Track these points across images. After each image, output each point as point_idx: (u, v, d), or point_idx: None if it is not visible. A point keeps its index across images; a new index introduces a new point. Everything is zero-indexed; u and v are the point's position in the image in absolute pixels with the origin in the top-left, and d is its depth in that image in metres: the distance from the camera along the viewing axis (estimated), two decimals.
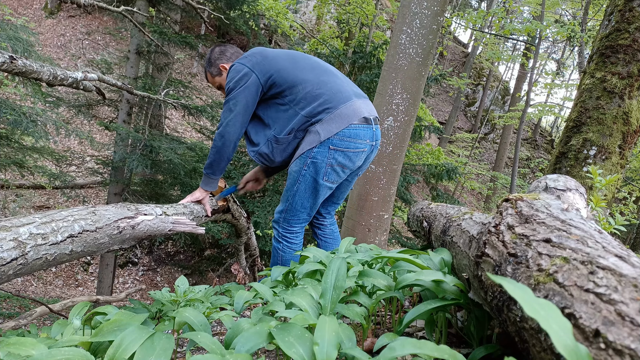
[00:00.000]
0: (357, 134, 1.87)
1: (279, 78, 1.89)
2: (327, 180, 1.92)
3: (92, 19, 14.59)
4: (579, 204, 1.04)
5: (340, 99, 1.89)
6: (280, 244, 2.04)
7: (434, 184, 7.76)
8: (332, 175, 1.92)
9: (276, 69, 1.89)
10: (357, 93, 1.98)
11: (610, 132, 2.44)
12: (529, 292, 0.46)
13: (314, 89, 1.88)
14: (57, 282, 7.94)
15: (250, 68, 1.88)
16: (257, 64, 1.89)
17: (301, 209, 1.99)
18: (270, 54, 1.95)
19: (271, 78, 1.88)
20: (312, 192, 1.94)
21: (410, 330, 1.10)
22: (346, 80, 2.02)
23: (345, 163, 1.91)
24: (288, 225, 2.03)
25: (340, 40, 8.00)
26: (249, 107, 1.90)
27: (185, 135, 11.52)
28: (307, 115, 1.87)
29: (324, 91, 1.89)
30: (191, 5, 5.59)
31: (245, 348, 0.73)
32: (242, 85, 1.87)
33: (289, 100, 1.90)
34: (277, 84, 1.89)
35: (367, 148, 1.94)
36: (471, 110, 19.68)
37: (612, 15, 2.53)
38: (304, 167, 1.90)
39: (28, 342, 0.76)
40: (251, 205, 6.43)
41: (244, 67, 1.89)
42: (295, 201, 1.97)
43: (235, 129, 1.90)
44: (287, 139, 1.91)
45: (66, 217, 1.26)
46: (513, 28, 7.19)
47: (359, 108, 1.90)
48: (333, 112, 1.86)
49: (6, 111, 4.20)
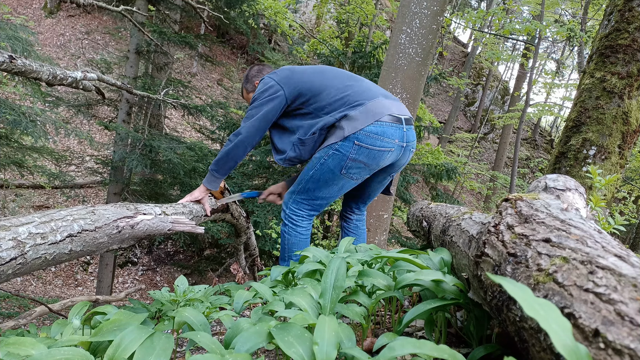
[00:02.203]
0: (384, 131, 1.82)
1: (305, 88, 1.92)
2: (345, 174, 1.88)
3: (91, 19, 14.58)
4: (579, 204, 1.04)
5: (367, 97, 1.87)
6: (286, 227, 2.03)
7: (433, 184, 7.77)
8: (352, 170, 1.88)
9: (302, 81, 1.94)
10: (386, 94, 1.96)
11: (609, 132, 2.44)
12: (529, 292, 0.46)
13: (339, 93, 1.90)
14: (57, 282, 7.93)
15: (277, 82, 1.94)
16: (284, 77, 1.95)
17: (312, 196, 1.97)
18: (299, 70, 2.00)
19: (297, 89, 1.92)
20: (326, 181, 1.92)
21: (410, 330, 1.10)
22: (373, 84, 2.01)
23: (368, 161, 1.86)
24: (295, 207, 2.01)
25: (339, 40, 7.99)
26: (268, 116, 1.93)
27: (184, 134, 11.52)
28: (332, 116, 1.87)
29: (350, 92, 1.89)
30: (191, 5, 5.59)
31: (245, 348, 0.73)
32: (266, 97, 1.92)
33: (314, 109, 1.92)
34: (303, 94, 1.93)
35: (395, 148, 1.87)
36: (471, 110, 19.68)
37: (612, 15, 2.53)
38: (325, 156, 1.88)
39: (27, 341, 0.76)
40: (251, 204, 6.43)
41: (271, 80, 1.95)
42: (307, 185, 1.96)
43: (250, 134, 1.93)
44: (312, 139, 1.91)
45: (65, 216, 1.26)
46: (512, 28, 7.19)
47: (388, 106, 1.86)
48: (359, 109, 1.83)
49: (5, 111, 4.19)
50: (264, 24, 14.85)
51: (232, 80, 15.00)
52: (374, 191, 2.20)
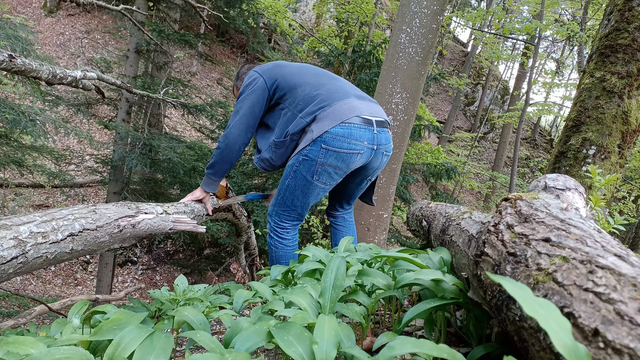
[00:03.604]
0: (351, 133, 1.77)
1: (283, 82, 1.92)
2: (317, 180, 1.85)
3: (91, 18, 14.57)
4: (578, 203, 1.04)
5: (336, 97, 1.84)
6: (272, 239, 2.02)
7: (433, 183, 7.77)
8: (323, 176, 1.84)
9: (282, 75, 1.94)
10: (360, 95, 1.92)
11: (609, 132, 2.44)
12: (528, 291, 0.46)
13: (312, 90, 1.88)
14: (56, 281, 7.93)
15: (259, 73, 1.96)
16: (267, 70, 1.97)
17: (291, 206, 1.95)
18: (283, 64, 2.02)
19: (276, 82, 1.93)
20: (302, 189, 1.89)
21: (410, 329, 1.10)
22: (349, 84, 1.98)
23: (337, 164, 1.81)
24: (278, 220, 2.00)
25: (339, 39, 7.99)
26: (254, 110, 1.92)
27: (184, 134, 11.52)
28: (302, 116, 1.85)
29: (322, 92, 1.87)
30: (190, 4, 5.59)
31: (245, 347, 0.73)
32: (250, 89, 1.93)
33: (289, 104, 1.90)
34: (280, 87, 1.93)
35: (365, 150, 1.82)
36: (470, 109, 19.68)
37: (612, 15, 2.53)
38: (296, 164, 1.85)
39: (27, 340, 0.76)
40: (250, 204, 6.43)
41: (254, 73, 1.97)
42: (285, 196, 1.94)
43: (240, 132, 1.92)
44: (284, 142, 1.90)
45: (66, 215, 1.26)
46: (512, 27, 7.18)
47: (357, 107, 1.82)
48: (327, 110, 1.80)
49: (5, 110, 4.19)
50: (263, 23, 14.84)
51: (232, 79, 14.99)
52: (353, 193, 2.17)
